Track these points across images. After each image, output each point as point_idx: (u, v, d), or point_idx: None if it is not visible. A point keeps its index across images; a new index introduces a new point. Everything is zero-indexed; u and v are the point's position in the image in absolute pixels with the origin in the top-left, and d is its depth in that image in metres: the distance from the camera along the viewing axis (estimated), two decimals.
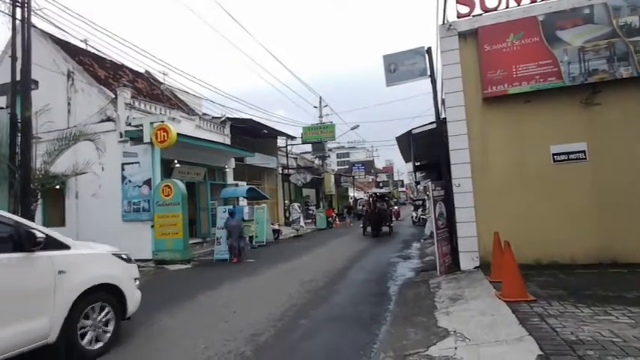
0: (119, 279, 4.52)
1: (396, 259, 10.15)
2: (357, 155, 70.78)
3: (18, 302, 3.53)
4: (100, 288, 4.25)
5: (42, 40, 12.61)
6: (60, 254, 3.96)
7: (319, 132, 26.73)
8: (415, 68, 8.48)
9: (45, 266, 3.76)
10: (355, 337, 4.48)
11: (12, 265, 3.55)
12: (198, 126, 15.79)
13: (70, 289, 3.91)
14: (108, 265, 4.52)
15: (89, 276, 4.16)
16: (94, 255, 4.48)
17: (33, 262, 3.67)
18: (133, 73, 16.78)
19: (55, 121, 11.00)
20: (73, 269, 4.00)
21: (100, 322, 4.25)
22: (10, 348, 3.41)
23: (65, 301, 3.85)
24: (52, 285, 3.77)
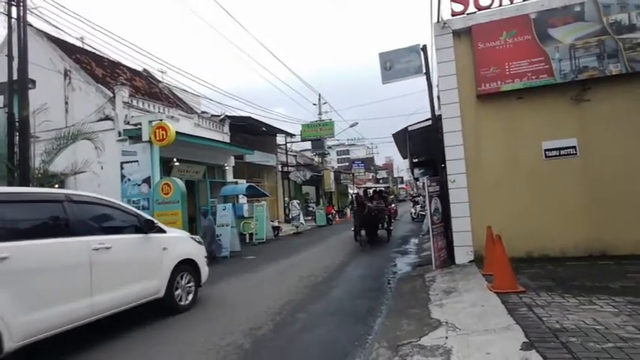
0: (196, 256, 6.09)
1: (394, 254, 10.33)
2: (357, 152, 70.94)
3: (143, 268, 5.12)
4: (185, 261, 5.79)
5: (38, 39, 12.71)
6: (163, 236, 5.53)
7: (318, 129, 26.88)
8: (411, 66, 8.63)
9: (155, 244, 5.35)
10: (351, 330, 4.65)
11: (138, 243, 5.14)
12: (197, 124, 15.92)
13: (169, 260, 5.50)
14: (189, 245, 6.10)
15: (179, 252, 5.73)
16: (181, 237, 6.08)
17: (149, 241, 5.27)
18: (130, 72, 16.88)
19: (53, 120, 11.12)
20: (171, 247, 5.59)
21: (186, 286, 5.79)
22: (142, 297, 5.05)
23: (167, 269, 5.44)
24: (160, 257, 5.37)
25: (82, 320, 4.22)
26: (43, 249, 3.95)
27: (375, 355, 3.73)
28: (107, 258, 4.53)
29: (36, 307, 3.76)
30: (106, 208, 5.00)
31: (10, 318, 3.51)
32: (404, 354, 3.64)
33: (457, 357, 3.38)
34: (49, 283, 3.95)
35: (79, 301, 4.18)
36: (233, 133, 18.29)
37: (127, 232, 5.08)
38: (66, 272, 4.12)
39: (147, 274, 5.14)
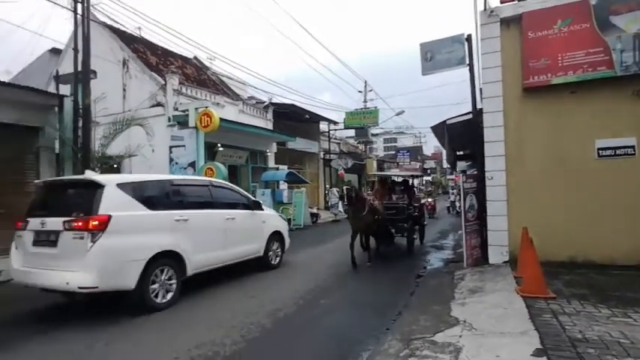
0: (283, 229, 8.17)
1: (428, 248, 10.25)
2: (405, 141, 69.43)
3: (251, 234, 7.19)
4: (275, 233, 7.79)
5: (101, 31, 13.81)
6: (263, 212, 7.56)
7: (362, 117, 26.69)
8: (453, 56, 8.36)
9: (258, 218, 7.38)
10: (368, 320, 4.83)
11: (249, 216, 7.17)
12: (242, 111, 16.56)
13: (266, 231, 7.57)
14: (278, 221, 8.21)
15: (273, 225, 7.83)
16: (273, 214, 8.31)
17: (255, 216, 7.29)
18: (181, 59, 17.82)
19: (112, 107, 12.14)
20: (267, 221, 7.68)
21: (276, 251, 7.87)
22: (250, 254, 7.16)
23: (265, 236, 7.51)
24: (261, 228, 7.45)
25: (220, 264, 6.40)
26: (202, 216, 6.10)
27: (386, 347, 3.88)
28: (233, 225, 6.65)
29: (199, 251, 5.85)
30: (230, 191, 7.16)
31: (190, 256, 5.67)
32: (414, 348, 3.75)
33: (466, 356, 3.44)
34: (205, 238, 6.05)
35: (218, 251, 6.30)
36: (276, 119, 18.77)
37: (242, 209, 7.08)
38: (212, 232, 6.26)
39: (253, 239, 7.23)
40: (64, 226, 4.77)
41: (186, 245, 5.57)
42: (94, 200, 4.86)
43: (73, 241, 4.72)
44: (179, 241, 5.50)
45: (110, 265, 4.75)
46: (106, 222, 4.74)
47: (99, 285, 4.68)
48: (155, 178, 6.11)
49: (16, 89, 8.23)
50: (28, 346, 4.16)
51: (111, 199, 4.94)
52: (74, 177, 6.61)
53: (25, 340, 4.29)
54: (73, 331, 4.53)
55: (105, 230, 4.72)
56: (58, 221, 4.82)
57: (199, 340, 4.14)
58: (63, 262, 4.75)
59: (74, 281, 4.63)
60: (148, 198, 5.41)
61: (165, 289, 5.33)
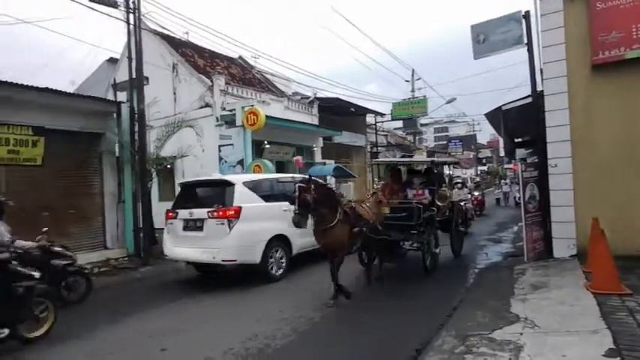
0: None
1: (485, 242, 9.86)
2: (457, 130, 66.70)
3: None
4: None
5: (152, 38, 14.69)
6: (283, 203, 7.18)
7: (410, 107, 25.98)
8: (509, 36, 7.91)
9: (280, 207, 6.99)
10: (422, 315, 4.79)
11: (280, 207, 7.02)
12: (287, 107, 16.86)
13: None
14: None
15: None
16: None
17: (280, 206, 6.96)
18: (227, 60, 18.48)
19: (164, 110, 12.88)
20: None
21: None
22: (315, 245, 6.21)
23: None
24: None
25: (313, 247, 6.67)
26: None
27: (440, 342, 3.82)
28: None
29: (300, 236, 6.83)
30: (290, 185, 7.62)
31: (294, 239, 7.00)
32: (470, 344, 3.66)
33: (527, 355, 3.30)
34: None
35: (307, 238, 6.48)
36: (322, 114, 18.87)
37: None
38: None
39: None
40: (208, 215, 6.41)
41: (292, 231, 6.61)
42: (229, 195, 6.52)
43: (216, 226, 6.35)
44: (287, 227, 6.58)
45: (244, 244, 6.32)
46: (239, 211, 6.37)
47: (237, 259, 6.34)
48: (266, 177, 7.97)
49: (81, 99, 9.04)
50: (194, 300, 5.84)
51: (240, 194, 6.57)
52: (211, 178, 7.97)
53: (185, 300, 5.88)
54: (208, 295, 6.05)
55: (239, 218, 6.33)
56: (203, 211, 6.48)
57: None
58: (208, 242, 6.33)
59: (219, 256, 6.25)
60: (263, 193, 7.01)
61: (278, 265, 6.83)
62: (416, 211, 6.43)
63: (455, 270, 7.13)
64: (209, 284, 6.77)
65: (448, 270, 7.14)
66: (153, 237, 9.39)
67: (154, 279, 7.59)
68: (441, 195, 7.33)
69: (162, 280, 7.53)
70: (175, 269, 8.04)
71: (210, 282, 6.96)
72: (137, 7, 8.84)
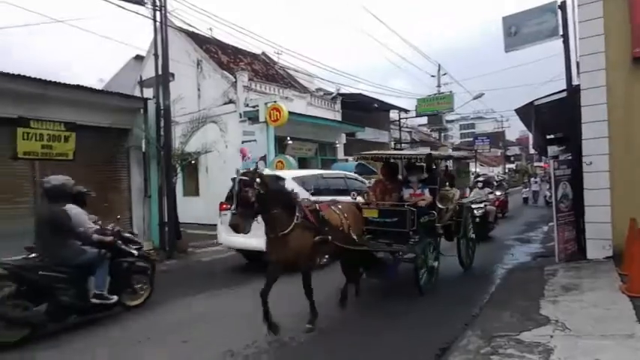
0: None
1: (512, 242, 9.63)
2: (484, 126, 65.22)
3: None
4: None
5: (177, 35, 15.00)
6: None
7: (435, 103, 25.57)
8: (543, 28, 7.67)
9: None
10: (446, 314, 4.73)
11: None
12: (310, 103, 16.91)
13: None
14: None
15: None
16: None
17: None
18: (250, 56, 18.68)
19: (188, 106, 13.17)
20: None
21: None
22: None
23: None
24: None
25: None
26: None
27: (465, 342, 3.78)
28: None
29: None
30: (356, 181, 8.68)
31: None
32: (497, 345, 3.60)
33: (558, 358, 3.22)
34: None
35: None
36: (345, 110, 18.84)
37: None
38: None
39: None
40: None
41: None
42: None
43: None
44: None
45: None
46: None
47: None
48: (313, 173, 8.60)
49: (110, 96, 9.35)
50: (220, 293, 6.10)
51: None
52: None
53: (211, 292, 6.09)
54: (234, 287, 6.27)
55: None
56: None
57: None
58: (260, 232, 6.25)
59: None
60: (310, 187, 7.48)
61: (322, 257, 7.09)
62: (409, 215, 5.37)
63: (480, 269, 7.00)
64: (234, 277, 6.94)
65: (472, 269, 7.02)
66: (177, 231, 9.64)
67: (179, 272, 7.81)
68: (443, 196, 6.09)
69: (187, 273, 7.75)
70: (199, 263, 8.23)
71: (236, 275, 7.14)
72: (163, 5, 9.05)
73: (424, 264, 5.47)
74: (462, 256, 6.77)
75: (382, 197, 5.98)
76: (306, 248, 4.29)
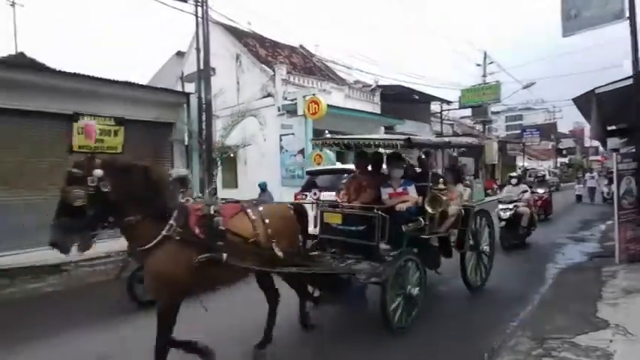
0: None
1: (564, 240, 9.16)
2: (533, 117, 62.09)
3: None
4: None
5: (217, 30, 15.40)
6: None
7: (481, 94, 24.66)
8: (607, 11, 7.21)
9: None
10: (492, 313, 4.63)
11: None
12: (348, 96, 16.86)
13: None
14: None
15: None
16: None
17: None
18: (288, 49, 18.85)
19: (228, 100, 13.54)
20: None
21: None
22: None
23: None
24: None
25: None
26: None
27: (513, 343, 3.68)
28: None
29: None
30: None
31: None
32: (550, 348, 3.48)
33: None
34: None
35: None
36: (384, 102, 18.62)
37: None
38: None
39: None
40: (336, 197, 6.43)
41: None
42: None
43: None
44: None
45: None
46: None
47: None
48: None
49: (156, 91, 9.81)
50: None
51: None
52: (330, 167, 9.44)
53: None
54: None
55: None
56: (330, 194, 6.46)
57: None
58: None
59: None
60: None
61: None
62: (378, 222, 4.15)
63: (529, 268, 6.75)
64: None
65: (520, 268, 6.79)
66: None
67: None
68: (432, 198, 4.46)
69: None
70: None
71: None
72: (205, 0, 9.33)
73: (400, 292, 4.10)
74: (469, 276, 5.29)
75: (356, 197, 4.78)
76: (176, 273, 2.94)
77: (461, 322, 4.47)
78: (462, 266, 5.25)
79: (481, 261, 5.61)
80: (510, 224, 8.18)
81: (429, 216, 4.47)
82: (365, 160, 5.11)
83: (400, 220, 4.30)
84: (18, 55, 12.39)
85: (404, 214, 4.36)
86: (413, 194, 4.62)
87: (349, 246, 4.46)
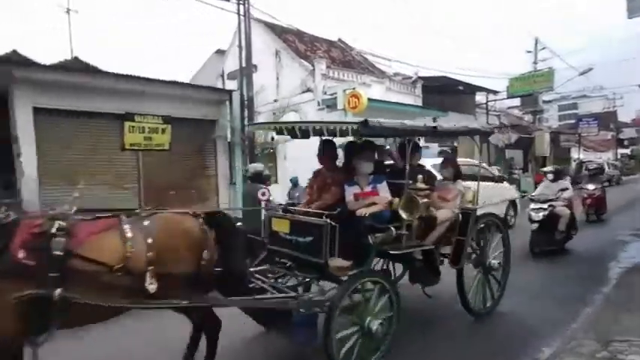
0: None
1: (628, 237, 8.58)
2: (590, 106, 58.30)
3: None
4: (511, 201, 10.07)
5: (257, 26, 15.68)
6: (504, 184, 10.40)
7: (531, 82, 23.49)
8: None
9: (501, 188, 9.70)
10: (551, 313, 4.45)
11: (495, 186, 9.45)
12: (389, 88, 16.67)
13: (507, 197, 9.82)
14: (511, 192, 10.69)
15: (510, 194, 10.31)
16: (509, 186, 10.49)
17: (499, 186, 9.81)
18: (327, 43, 18.88)
19: (268, 96, 13.81)
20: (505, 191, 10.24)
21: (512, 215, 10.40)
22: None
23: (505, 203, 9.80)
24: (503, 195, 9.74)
25: None
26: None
27: (574, 344, 3.52)
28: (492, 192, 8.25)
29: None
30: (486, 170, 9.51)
31: None
32: (615, 350, 3.30)
33: None
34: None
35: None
36: (426, 94, 18.25)
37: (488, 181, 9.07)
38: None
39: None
40: None
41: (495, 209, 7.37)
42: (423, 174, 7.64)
43: None
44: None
45: None
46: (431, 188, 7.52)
47: None
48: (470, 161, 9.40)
49: (200, 89, 10.22)
50: None
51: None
52: None
53: None
54: None
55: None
56: None
57: None
58: None
59: None
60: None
61: None
62: (326, 233, 3.26)
63: (588, 267, 6.40)
64: None
65: (580, 264, 6.45)
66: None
67: None
68: (408, 200, 3.54)
69: None
70: None
71: None
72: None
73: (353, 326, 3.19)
74: (470, 298, 4.22)
75: (319, 197, 4.00)
76: None
77: (517, 319, 4.35)
78: (458, 286, 4.14)
79: (489, 279, 4.50)
80: (544, 227, 7.12)
81: (406, 223, 3.50)
82: (331, 151, 4.22)
83: (364, 228, 3.40)
84: (73, 60, 13.27)
85: (369, 221, 3.44)
86: (384, 194, 3.71)
87: (301, 261, 3.61)
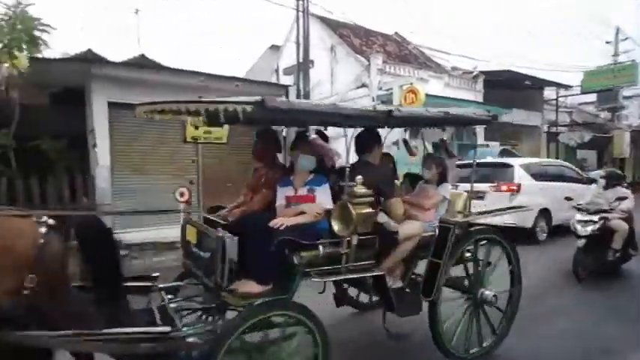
0: None
1: None
2: None
3: None
4: None
5: (314, 22, 15.90)
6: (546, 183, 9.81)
7: (611, 76, 21.65)
8: None
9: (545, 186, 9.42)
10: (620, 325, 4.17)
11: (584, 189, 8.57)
12: (448, 84, 16.22)
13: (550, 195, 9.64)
14: None
15: None
16: None
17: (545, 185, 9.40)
18: (383, 37, 18.71)
19: (323, 92, 13.98)
20: None
21: None
22: None
23: None
24: None
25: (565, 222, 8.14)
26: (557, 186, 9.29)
27: None
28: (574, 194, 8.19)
29: (557, 210, 9.00)
30: (571, 170, 10.36)
31: (554, 213, 9.13)
32: None
33: None
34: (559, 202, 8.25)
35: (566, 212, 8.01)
36: (488, 90, 17.50)
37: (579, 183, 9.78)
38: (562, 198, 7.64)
39: None
40: (490, 189, 8.68)
41: (553, 206, 8.92)
42: (510, 174, 8.91)
43: (498, 197, 8.47)
44: (549, 202, 8.93)
45: (521, 213, 7.31)
46: (519, 187, 8.64)
47: (516, 223, 8.05)
48: (533, 161, 10.37)
49: (257, 84, 10.59)
50: None
51: (518, 174, 8.89)
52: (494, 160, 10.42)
53: None
54: None
55: (519, 192, 8.57)
56: (484, 186, 8.59)
57: None
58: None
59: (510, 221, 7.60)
60: (533, 173, 9.13)
61: (542, 231, 9.07)
62: (220, 249, 2.58)
63: None
64: None
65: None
66: None
67: None
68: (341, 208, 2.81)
69: None
70: None
71: None
72: None
73: None
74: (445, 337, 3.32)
75: (251, 198, 3.48)
76: None
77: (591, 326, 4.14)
78: (430, 322, 3.26)
79: (480, 316, 3.56)
80: (594, 244, 5.91)
81: (345, 239, 2.72)
82: (268, 143, 3.60)
83: (281, 244, 2.64)
84: (139, 57, 14.29)
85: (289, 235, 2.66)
86: (322, 199, 2.98)
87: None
